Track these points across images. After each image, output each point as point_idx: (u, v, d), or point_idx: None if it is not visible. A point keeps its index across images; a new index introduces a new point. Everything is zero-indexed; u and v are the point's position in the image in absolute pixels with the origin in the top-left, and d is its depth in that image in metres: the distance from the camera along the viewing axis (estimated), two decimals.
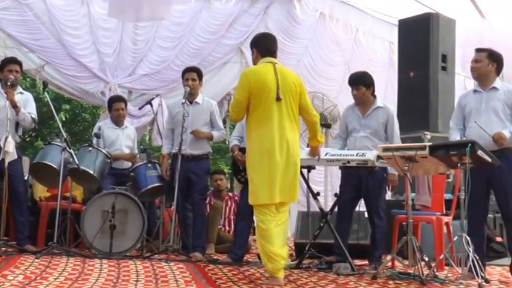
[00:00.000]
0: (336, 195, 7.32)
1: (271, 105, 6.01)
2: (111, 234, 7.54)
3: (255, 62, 6.33)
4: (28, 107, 7.90)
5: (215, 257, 7.99)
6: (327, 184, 10.26)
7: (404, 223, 7.03)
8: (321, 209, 7.35)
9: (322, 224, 7.24)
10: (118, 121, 8.89)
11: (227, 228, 9.49)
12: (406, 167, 6.21)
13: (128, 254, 7.58)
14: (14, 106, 7.60)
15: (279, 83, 6.05)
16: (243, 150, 7.48)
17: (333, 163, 7.13)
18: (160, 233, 8.34)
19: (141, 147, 9.15)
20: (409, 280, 6.10)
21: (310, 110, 6.36)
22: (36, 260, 6.65)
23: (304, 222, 8.39)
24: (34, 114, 7.90)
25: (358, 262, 7.31)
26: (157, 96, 10.84)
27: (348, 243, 7.16)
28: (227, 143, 10.11)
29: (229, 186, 9.80)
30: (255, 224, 6.14)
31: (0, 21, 10.82)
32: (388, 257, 6.54)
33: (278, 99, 6.02)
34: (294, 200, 6.21)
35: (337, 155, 6.87)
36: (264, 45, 6.32)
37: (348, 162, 6.77)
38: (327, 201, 9.54)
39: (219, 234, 9.01)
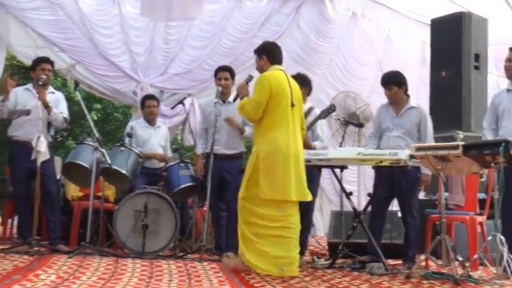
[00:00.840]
0: (369, 194, 7.28)
1: (287, 110, 6.43)
2: (143, 234, 7.54)
3: (264, 68, 6.66)
4: (59, 106, 7.93)
5: None
6: (360, 184, 10.23)
7: (437, 223, 6.98)
8: (354, 208, 7.30)
9: (355, 224, 7.20)
10: (150, 119, 8.90)
11: None
12: (439, 167, 6.16)
13: (160, 253, 7.58)
14: (46, 106, 7.63)
15: (292, 90, 6.51)
16: None
17: (365, 163, 7.10)
18: (193, 232, 8.34)
19: (173, 146, 9.16)
20: (442, 280, 6.03)
21: (303, 122, 6.81)
22: (69, 260, 6.65)
23: (338, 221, 8.35)
24: (66, 114, 7.94)
25: (391, 262, 7.27)
26: (189, 95, 10.86)
27: (381, 243, 7.11)
28: None
29: None
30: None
31: (31, 21, 10.90)
32: (422, 257, 6.48)
33: (292, 105, 6.46)
34: (309, 198, 6.52)
35: (370, 154, 6.82)
36: (275, 54, 6.72)
37: (381, 161, 6.71)
38: (360, 201, 9.51)
39: None
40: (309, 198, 6.50)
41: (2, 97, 7.67)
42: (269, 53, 6.70)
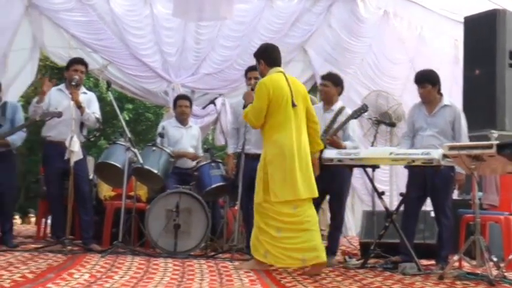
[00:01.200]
0: (401, 194, 7.22)
1: (289, 112, 6.50)
2: (175, 234, 7.55)
3: (264, 72, 6.74)
4: (92, 106, 7.98)
5: None
6: (392, 183, 10.16)
7: (471, 223, 6.92)
8: (386, 208, 7.25)
9: (387, 224, 7.15)
10: (182, 119, 8.92)
11: None
12: (473, 166, 6.09)
13: (192, 253, 7.60)
14: (79, 106, 7.68)
15: (292, 91, 6.54)
16: None
17: (397, 162, 7.05)
18: (225, 232, 8.35)
19: (205, 146, 9.19)
20: (477, 281, 5.97)
21: (314, 115, 6.81)
22: (102, 259, 6.69)
23: (369, 221, 8.31)
24: (98, 114, 7.98)
25: (424, 262, 7.21)
26: (220, 95, 10.86)
27: (413, 243, 7.06)
28: None
29: None
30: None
31: (64, 22, 11.02)
32: (455, 257, 6.42)
33: (294, 105, 6.51)
34: (316, 194, 6.54)
35: (402, 154, 6.77)
36: (271, 56, 6.78)
37: (413, 161, 6.65)
38: (392, 201, 9.45)
39: None
40: (316, 194, 6.55)
41: (37, 98, 7.73)
42: (266, 57, 6.78)
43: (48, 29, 11.11)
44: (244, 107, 6.90)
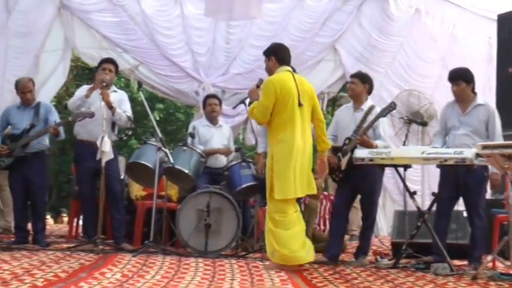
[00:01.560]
0: (433, 194, 7.15)
1: (295, 110, 6.62)
2: (206, 233, 7.56)
3: (272, 69, 6.90)
4: (123, 105, 8.02)
5: None
6: (424, 183, 10.08)
7: (505, 223, 6.84)
8: (418, 208, 7.20)
9: (419, 223, 7.09)
10: (212, 118, 8.93)
11: (322, 227, 9.41)
12: (506, 166, 6.01)
13: (222, 252, 7.60)
14: (110, 107, 7.71)
15: (299, 90, 6.66)
16: (337, 149, 7.43)
17: (429, 162, 6.98)
18: (255, 232, 8.32)
19: (235, 146, 9.17)
20: (511, 281, 5.91)
21: (320, 114, 6.95)
22: (133, 258, 6.72)
23: (401, 221, 8.23)
24: (129, 113, 8.02)
25: (456, 262, 7.13)
26: None
27: (446, 243, 6.99)
28: None
29: (323, 185, 9.71)
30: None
31: (96, 23, 11.12)
32: (489, 257, 6.36)
33: (300, 104, 6.63)
34: (315, 191, 6.87)
35: (434, 153, 6.71)
36: (283, 55, 6.95)
37: (445, 160, 6.59)
38: (424, 200, 9.36)
39: (314, 234, 8.90)
40: (314, 191, 6.77)
41: (87, 93, 7.78)
42: (278, 54, 6.92)
43: (80, 30, 11.21)
44: (250, 103, 6.97)
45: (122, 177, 8.72)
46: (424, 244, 7.31)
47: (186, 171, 7.77)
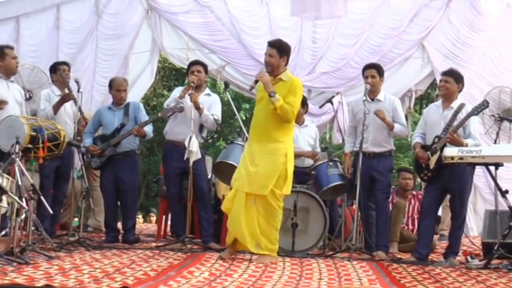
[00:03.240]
0: None
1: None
2: (293, 233, 7.56)
3: (277, 66, 6.96)
4: (213, 108, 8.08)
5: (398, 256, 7.84)
6: None
7: None
8: (510, 207, 7.04)
9: (511, 223, 6.93)
10: (297, 119, 8.89)
11: (410, 227, 9.28)
12: None
13: (310, 252, 7.59)
14: (197, 107, 7.78)
15: None
16: (425, 147, 7.34)
17: None
18: (342, 231, 8.28)
19: (322, 145, 9.12)
20: None
21: None
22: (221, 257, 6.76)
23: (492, 221, 8.05)
24: (217, 116, 8.06)
25: None
26: (337, 94, 10.77)
27: None
28: (409, 140, 9.93)
29: (412, 184, 9.59)
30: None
31: (183, 24, 11.26)
32: None
33: None
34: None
35: None
36: (289, 58, 7.18)
37: None
38: None
39: (402, 233, 8.81)
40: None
41: (181, 94, 7.88)
42: (289, 57, 7.14)
43: (167, 31, 11.38)
44: (256, 82, 7.16)
45: (209, 176, 8.78)
46: None
47: None
